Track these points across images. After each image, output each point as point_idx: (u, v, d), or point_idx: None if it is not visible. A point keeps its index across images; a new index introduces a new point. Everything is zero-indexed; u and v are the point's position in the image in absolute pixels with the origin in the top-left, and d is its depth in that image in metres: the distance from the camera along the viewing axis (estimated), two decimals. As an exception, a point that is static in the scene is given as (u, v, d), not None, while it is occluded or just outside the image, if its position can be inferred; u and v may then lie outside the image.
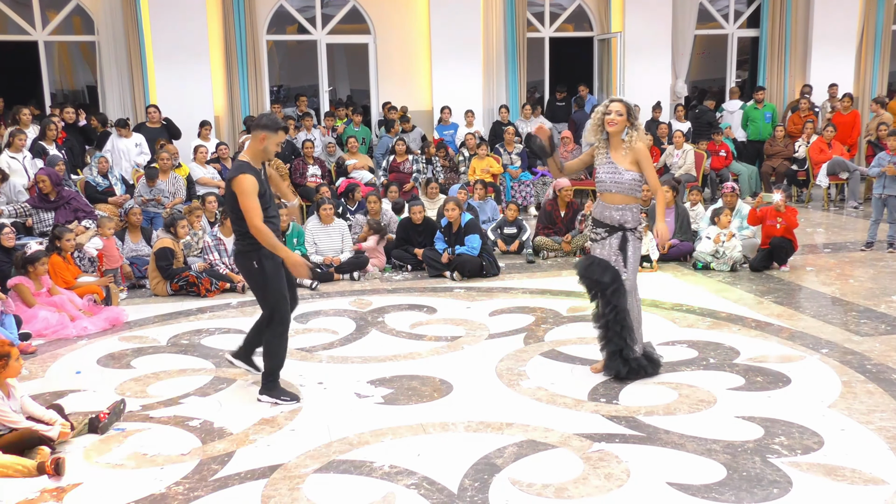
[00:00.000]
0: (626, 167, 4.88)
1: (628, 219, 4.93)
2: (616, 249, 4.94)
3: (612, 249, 4.95)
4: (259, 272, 4.71)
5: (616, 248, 4.94)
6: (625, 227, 4.93)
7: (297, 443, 4.29)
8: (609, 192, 4.94)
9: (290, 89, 16.60)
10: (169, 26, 12.06)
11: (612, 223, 4.95)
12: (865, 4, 14.48)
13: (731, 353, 5.53)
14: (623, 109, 4.85)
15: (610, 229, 4.96)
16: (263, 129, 4.64)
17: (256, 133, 4.66)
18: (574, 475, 3.82)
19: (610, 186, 4.92)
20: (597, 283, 4.97)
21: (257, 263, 4.68)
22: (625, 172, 4.88)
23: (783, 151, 12.41)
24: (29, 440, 4.16)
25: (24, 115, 10.02)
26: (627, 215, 4.92)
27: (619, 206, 4.92)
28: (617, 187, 4.90)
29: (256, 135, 4.66)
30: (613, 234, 4.95)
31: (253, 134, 4.71)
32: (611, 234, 4.96)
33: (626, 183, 4.88)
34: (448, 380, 5.20)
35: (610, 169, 4.92)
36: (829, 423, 4.33)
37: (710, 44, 15.99)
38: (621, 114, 4.85)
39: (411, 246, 8.55)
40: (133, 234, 8.47)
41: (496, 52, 13.67)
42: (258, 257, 4.67)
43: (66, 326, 6.54)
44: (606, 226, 4.97)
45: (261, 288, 4.79)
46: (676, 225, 8.63)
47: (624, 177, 4.88)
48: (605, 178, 4.94)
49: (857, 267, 8.12)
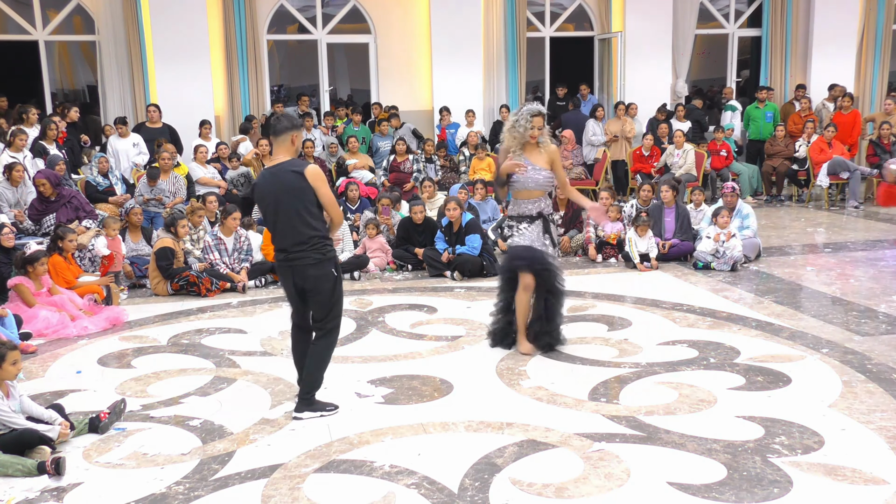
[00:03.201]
0: (542, 167, 5.49)
1: (543, 207, 5.57)
2: (542, 234, 5.52)
3: (539, 234, 5.51)
4: (334, 282, 4.50)
5: (541, 232, 5.52)
6: (543, 215, 5.56)
7: (297, 442, 4.29)
8: (527, 189, 5.50)
9: (290, 89, 16.61)
10: (169, 26, 12.06)
11: (531, 214, 5.53)
12: (866, 4, 14.47)
13: (731, 353, 5.53)
14: (543, 122, 5.45)
15: (531, 219, 5.53)
16: (294, 130, 4.59)
17: (287, 135, 4.55)
18: (574, 475, 3.82)
19: (529, 185, 5.48)
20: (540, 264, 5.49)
21: (336, 271, 4.50)
22: (542, 171, 5.49)
23: (784, 151, 12.41)
24: (29, 440, 4.16)
25: (32, 114, 10.02)
26: (542, 205, 5.56)
27: (535, 200, 5.52)
28: (535, 184, 5.49)
29: (287, 137, 4.56)
30: (535, 223, 5.52)
31: (283, 138, 4.55)
32: (532, 222, 5.52)
33: (542, 180, 5.50)
34: (448, 379, 5.20)
35: (529, 170, 5.47)
36: (829, 423, 4.33)
37: (711, 43, 16.00)
38: (541, 127, 5.44)
39: (412, 245, 8.55)
40: (133, 233, 8.47)
41: (496, 52, 13.67)
42: (335, 264, 4.51)
43: (67, 326, 6.54)
44: (527, 217, 5.53)
45: (334, 299, 4.57)
46: (676, 225, 8.62)
47: (541, 174, 5.49)
48: (525, 178, 5.47)
49: (857, 267, 8.12)
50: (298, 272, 4.53)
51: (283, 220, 4.50)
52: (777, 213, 11.53)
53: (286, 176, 4.46)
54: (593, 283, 7.77)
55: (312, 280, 4.53)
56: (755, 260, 8.43)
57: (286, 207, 4.47)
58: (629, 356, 5.55)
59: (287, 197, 4.45)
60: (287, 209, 4.47)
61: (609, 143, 12.68)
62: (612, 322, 6.38)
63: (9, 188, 8.55)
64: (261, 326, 6.57)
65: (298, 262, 4.51)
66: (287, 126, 4.57)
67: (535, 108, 5.44)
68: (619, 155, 12.72)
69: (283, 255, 4.58)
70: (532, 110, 5.42)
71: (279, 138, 4.58)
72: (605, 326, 6.28)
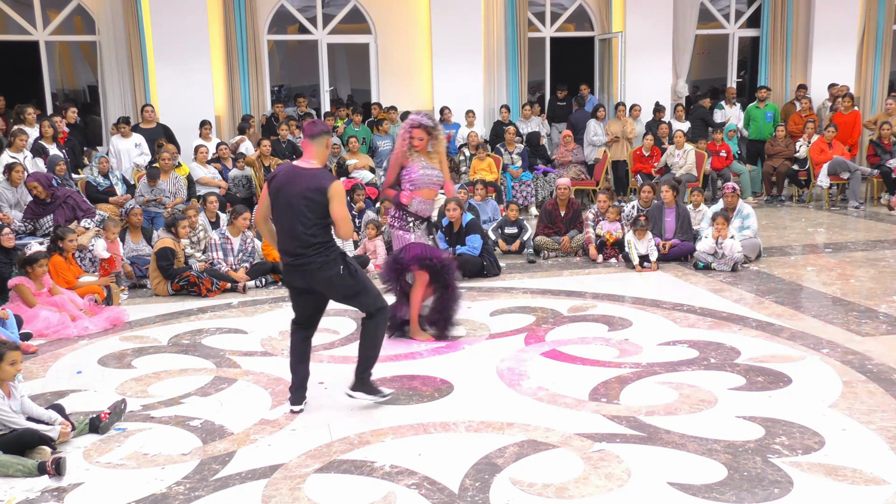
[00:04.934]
0: (435, 166, 5.96)
1: (430, 211, 6.09)
2: (428, 236, 6.00)
3: (426, 236, 5.98)
4: (348, 275, 4.54)
5: (428, 234, 6.00)
6: (429, 219, 6.07)
7: (297, 442, 4.29)
8: (427, 188, 5.91)
9: (290, 89, 16.60)
10: (170, 26, 12.06)
11: (424, 216, 5.97)
12: (866, 4, 14.46)
13: (731, 353, 5.53)
14: (424, 134, 5.83)
15: (422, 220, 5.96)
16: (329, 135, 4.68)
17: (323, 139, 4.62)
18: (575, 475, 3.82)
19: (428, 184, 5.90)
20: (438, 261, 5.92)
21: (344, 268, 4.54)
22: (435, 170, 5.95)
23: (784, 151, 12.41)
24: (29, 440, 4.16)
25: (29, 114, 10.02)
26: (430, 208, 6.06)
27: (431, 201, 6.01)
28: (431, 182, 5.91)
29: (323, 140, 4.62)
30: (423, 224, 5.96)
31: (319, 140, 4.60)
32: (422, 223, 5.95)
33: (435, 178, 5.96)
34: (449, 379, 5.20)
35: (428, 171, 5.89)
36: (829, 423, 4.33)
37: (711, 43, 15.99)
38: (422, 138, 5.84)
39: (412, 246, 8.54)
40: (133, 234, 8.47)
41: (497, 52, 13.66)
42: (342, 262, 4.54)
43: (67, 326, 6.54)
44: (420, 218, 5.94)
45: (357, 290, 4.61)
46: (677, 225, 8.62)
47: (434, 173, 5.94)
48: (423, 177, 5.88)
49: (858, 267, 8.11)
50: (308, 275, 4.54)
51: (290, 223, 4.51)
52: (777, 214, 11.53)
53: (309, 183, 4.46)
54: (593, 283, 7.77)
55: (324, 282, 4.56)
56: (755, 260, 8.43)
57: (296, 213, 4.48)
58: (630, 356, 5.55)
59: (301, 204, 4.46)
60: (296, 214, 4.48)
61: (610, 144, 12.69)
62: (612, 322, 6.38)
63: (9, 188, 8.56)
64: (261, 326, 6.57)
65: (303, 266, 4.52)
66: (324, 130, 4.67)
67: (417, 120, 5.83)
68: (620, 155, 12.72)
69: (287, 257, 4.59)
70: (413, 122, 5.84)
71: (315, 140, 4.62)
72: (605, 326, 6.28)
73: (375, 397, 4.75)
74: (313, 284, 4.58)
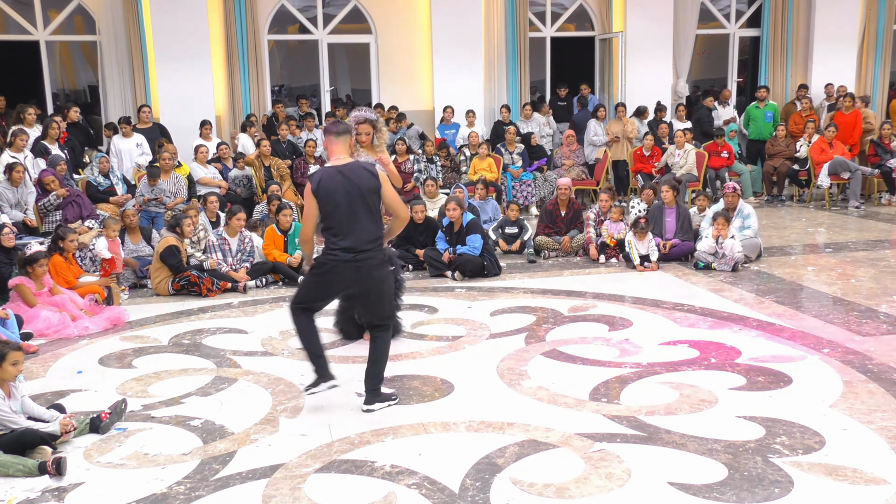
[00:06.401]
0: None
1: None
2: None
3: None
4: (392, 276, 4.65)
5: None
6: None
7: (298, 442, 4.29)
8: None
9: (291, 89, 16.62)
10: (170, 26, 12.06)
11: None
12: (867, 4, 14.47)
13: (732, 353, 5.53)
14: (370, 129, 5.74)
15: None
16: (349, 133, 4.80)
17: (347, 137, 4.73)
18: (575, 475, 3.82)
19: None
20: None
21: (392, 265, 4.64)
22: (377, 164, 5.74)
23: (784, 151, 12.41)
24: (30, 440, 4.16)
25: (30, 114, 10.03)
26: None
27: None
28: None
29: (347, 138, 4.74)
30: None
31: (344, 138, 4.69)
32: None
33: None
34: (449, 379, 5.20)
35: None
36: (830, 423, 4.33)
37: (712, 43, 16.00)
38: (369, 133, 5.74)
39: (412, 246, 8.55)
40: (132, 234, 8.47)
41: (497, 52, 13.66)
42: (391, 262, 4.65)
43: (68, 326, 6.54)
44: None
45: (389, 294, 4.71)
46: (677, 225, 8.62)
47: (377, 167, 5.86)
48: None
49: (858, 267, 8.11)
50: (365, 272, 4.53)
51: (357, 219, 4.50)
52: (778, 213, 11.52)
53: (362, 174, 4.54)
54: (594, 283, 7.77)
55: (377, 280, 4.61)
56: (756, 260, 8.42)
57: (361, 206, 4.51)
58: (630, 356, 5.55)
59: (363, 196, 4.51)
60: (362, 208, 4.51)
61: (610, 144, 12.69)
62: (612, 322, 6.38)
63: (9, 188, 8.56)
64: (262, 326, 6.56)
65: (367, 261, 4.52)
66: (347, 128, 4.76)
67: (363, 115, 5.77)
68: (621, 155, 12.72)
69: (350, 254, 4.51)
70: (359, 118, 5.74)
71: (340, 138, 4.68)
72: (605, 326, 6.28)
73: (391, 402, 4.77)
74: (364, 280, 4.57)
